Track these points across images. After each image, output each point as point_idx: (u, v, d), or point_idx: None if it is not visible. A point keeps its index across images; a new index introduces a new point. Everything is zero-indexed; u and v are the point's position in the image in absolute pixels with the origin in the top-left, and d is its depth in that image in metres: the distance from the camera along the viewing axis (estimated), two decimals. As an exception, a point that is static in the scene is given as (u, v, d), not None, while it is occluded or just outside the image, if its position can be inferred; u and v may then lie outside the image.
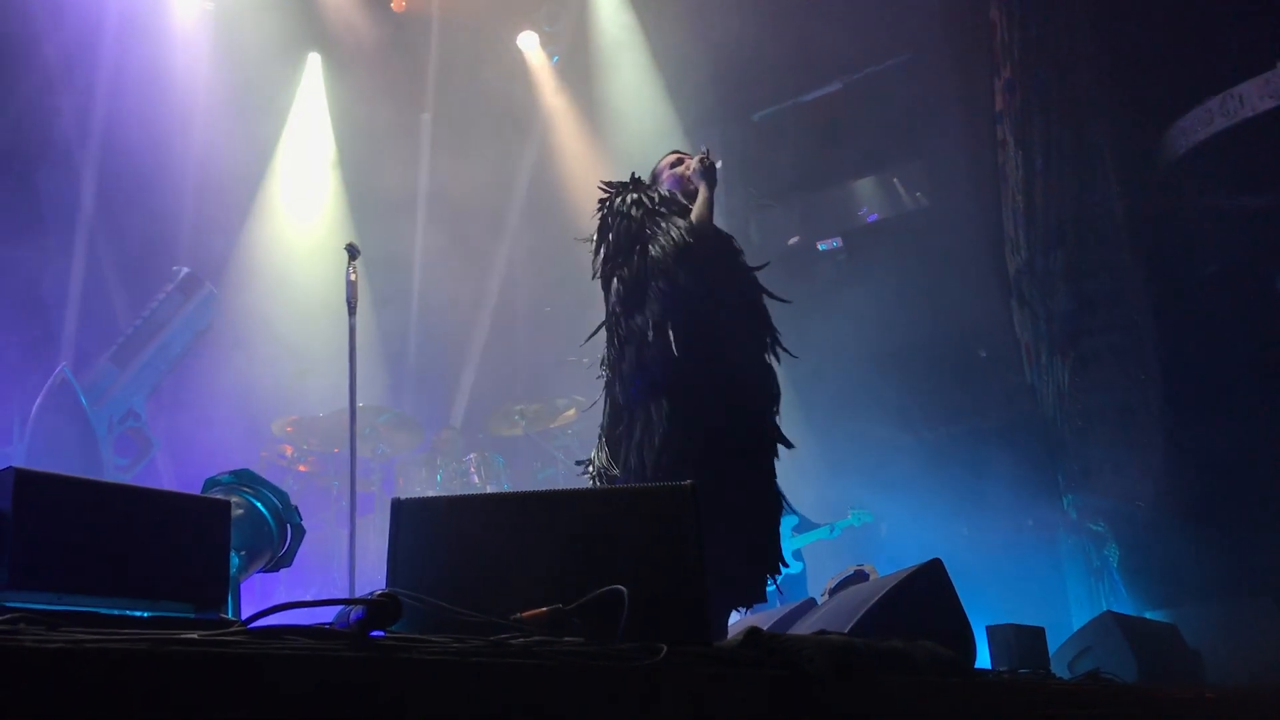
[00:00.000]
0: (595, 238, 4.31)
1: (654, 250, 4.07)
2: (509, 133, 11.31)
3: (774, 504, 4.14)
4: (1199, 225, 7.28)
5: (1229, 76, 7.06)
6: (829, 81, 10.30)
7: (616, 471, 4.00)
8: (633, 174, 4.48)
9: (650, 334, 3.97)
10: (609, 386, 4.20)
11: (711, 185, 4.28)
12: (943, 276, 8.75)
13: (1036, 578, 7.81)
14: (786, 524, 7.41)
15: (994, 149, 8.48)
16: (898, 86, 9.71)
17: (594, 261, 4.30)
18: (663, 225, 4.12)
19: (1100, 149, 7.71)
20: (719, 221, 4.44)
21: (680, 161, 4.55)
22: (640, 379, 4.00)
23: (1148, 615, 6.51)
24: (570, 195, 10.48)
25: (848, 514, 7.63)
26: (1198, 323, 7.17)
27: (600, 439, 4.21)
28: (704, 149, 4.41)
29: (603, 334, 4.28)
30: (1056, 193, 7.78)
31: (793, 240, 10.41)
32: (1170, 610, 6.56)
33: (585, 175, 10.42)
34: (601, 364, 4.27)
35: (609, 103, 10.87)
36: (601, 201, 4.37)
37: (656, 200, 4.25)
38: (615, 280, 4.17)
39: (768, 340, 4.26)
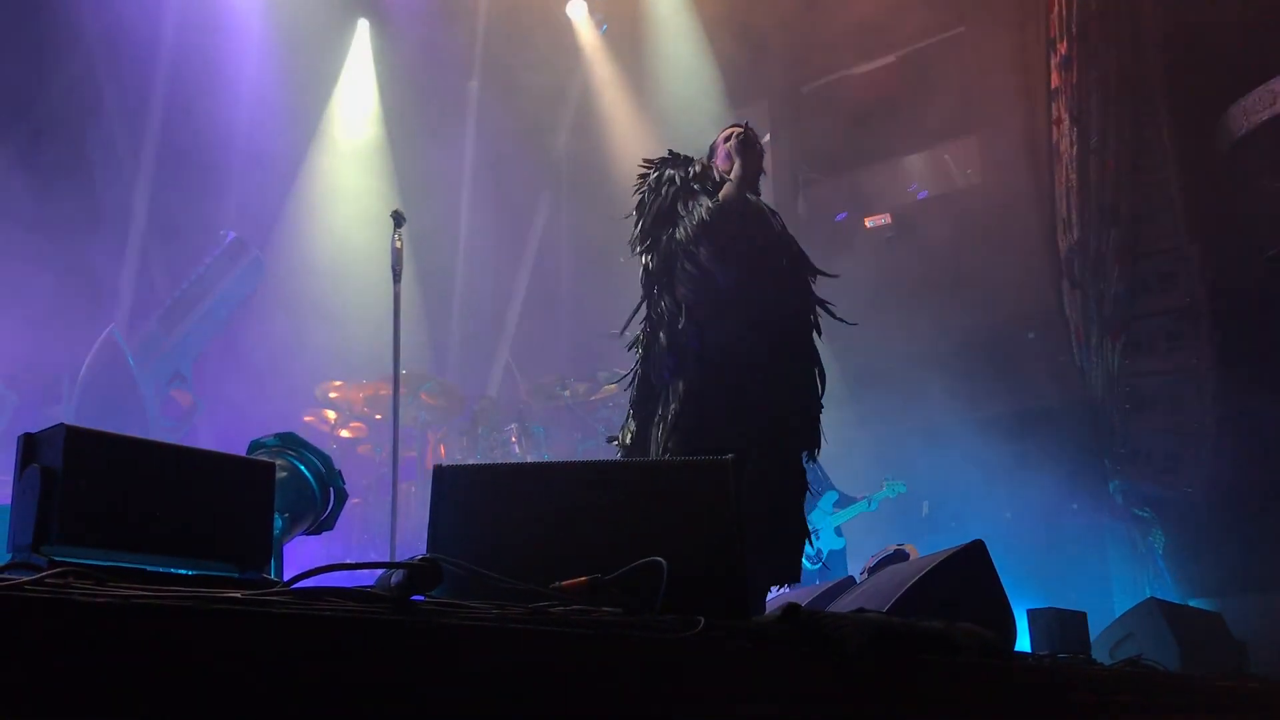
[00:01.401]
0: (634, 214, 4.28)
1: (678, 231, 4.03)
2: (556, 102, 11.28)
3: (799, 485, 4.07)
4: (1258, 208, 7.13)
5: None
6: (881, 54, 10.16)
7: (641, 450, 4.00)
8: (669, 150, 4.41)
9: (680, 318, 3.94)
10: (642, 365, 4.17)
11: (748, 162, 4.18)
12: (992, 256, 8.63)
13: (1080, 562, 7.73)
14: (826, 500, 7.39)
15: (1048, 126, 8.34)
16: (951, 61, 9.57)
17: (631, 240, 4.26)
18: (689, 204, 4.08)
19: (1158, 127, 7.56)
20: (764, 195, 4.38)
21: (731, 136, 4.49)
22: (671, 360, 3.97)
23: (1192, 603, 6.43)
24: (615, 166, 10.43)
25: (881, 485, 7.60)
26: (1254, 308, 7.03)
27: (629, 416, 4.19)
28: (744, 122, 4.34)
29: (642, 312, 4.26)
30: (1112, 171, 7.64)
31: (841, 216, 10.31)
32: (1216, 599, 6.47)
33: (631, 146, 10.37)
34: (635, 345, 4.24)
35: (657, 73, 10.80)
36: (640, 178, 4.33)
37: (691, 176, 4.19)
38: (645, 260, 4.14)
39: (811, 317, 4.19)
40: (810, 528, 4.10)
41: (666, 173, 4.22)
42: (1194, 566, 7.16)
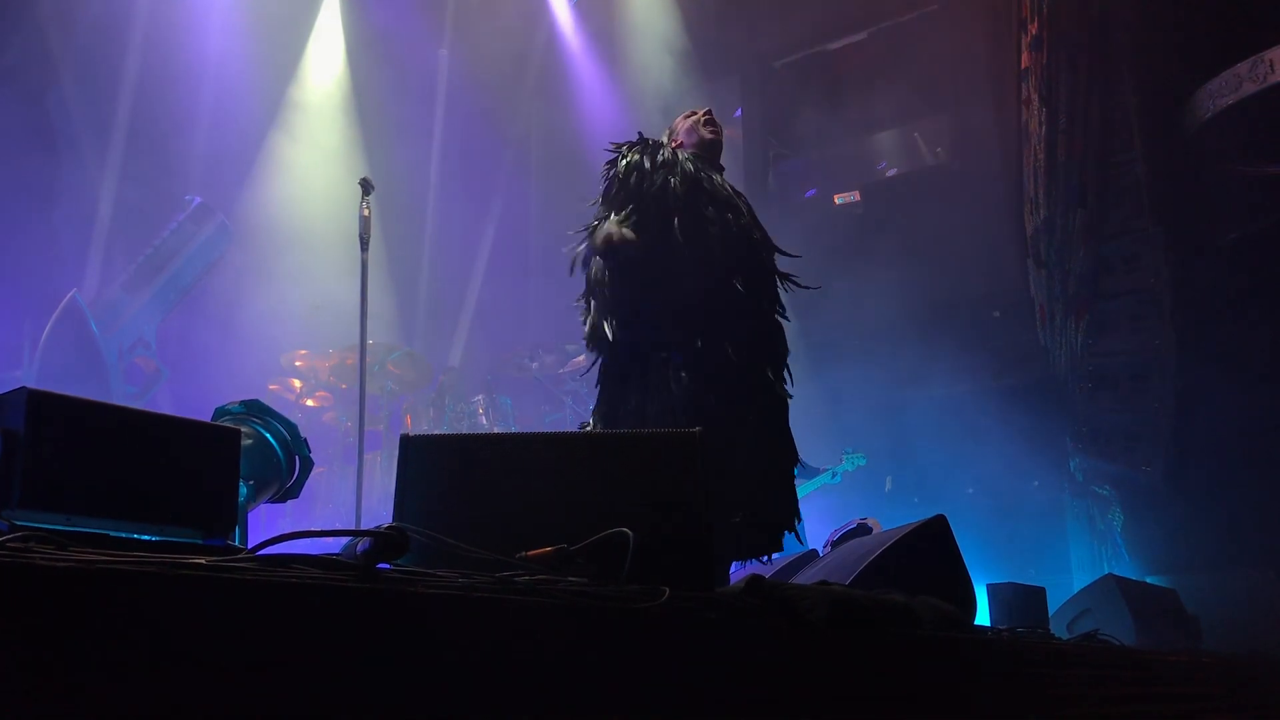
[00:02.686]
0: (599, 201, 4.18)
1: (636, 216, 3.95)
2: (526, 72, 11.20)
3: (782, 458, 4.06)
4: (1222, 192, 7.21)
5: (1259, 41, 6.95)
6: (854, 31, 10.16)
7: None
8: (639, 133, 4.32)
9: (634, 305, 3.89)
10: (602, 355, 4.08)
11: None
12: (960, 234, 8.69)
13: (1040, 538, 7.84)
14: None
15: (1017, 106, 8.38)
16: (923, 39, 9.58)
17: (590, 226, 4.16)
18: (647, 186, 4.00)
19: (1126, 109, 7.61)
20: (734, 171, 4.34)
21: (692, 113, 4.41)
22: (629, 345, 3.92)
23: (1149, 580, 6.54)
24: (586, 137, 10.39)
25: (840, 459, 7.64)
26: (1216, 291, 7.12)
27: (596, 410, 4.12)
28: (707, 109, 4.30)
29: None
30: (1079, 153, 7.69)
31: (810, 193, 10.33)
32: (1172, 576, 6.59)
33: (602, 117, 10.33)
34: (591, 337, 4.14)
35: (628, 44, 10.74)
36: (608, 164, 4.21)
37: (659, 164, 4.09)
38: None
39: (773, 295, 4.15)
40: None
41: (633, 159, 4.14)
42: (1151, 544, 7.28)
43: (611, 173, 4.14)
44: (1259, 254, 6.93)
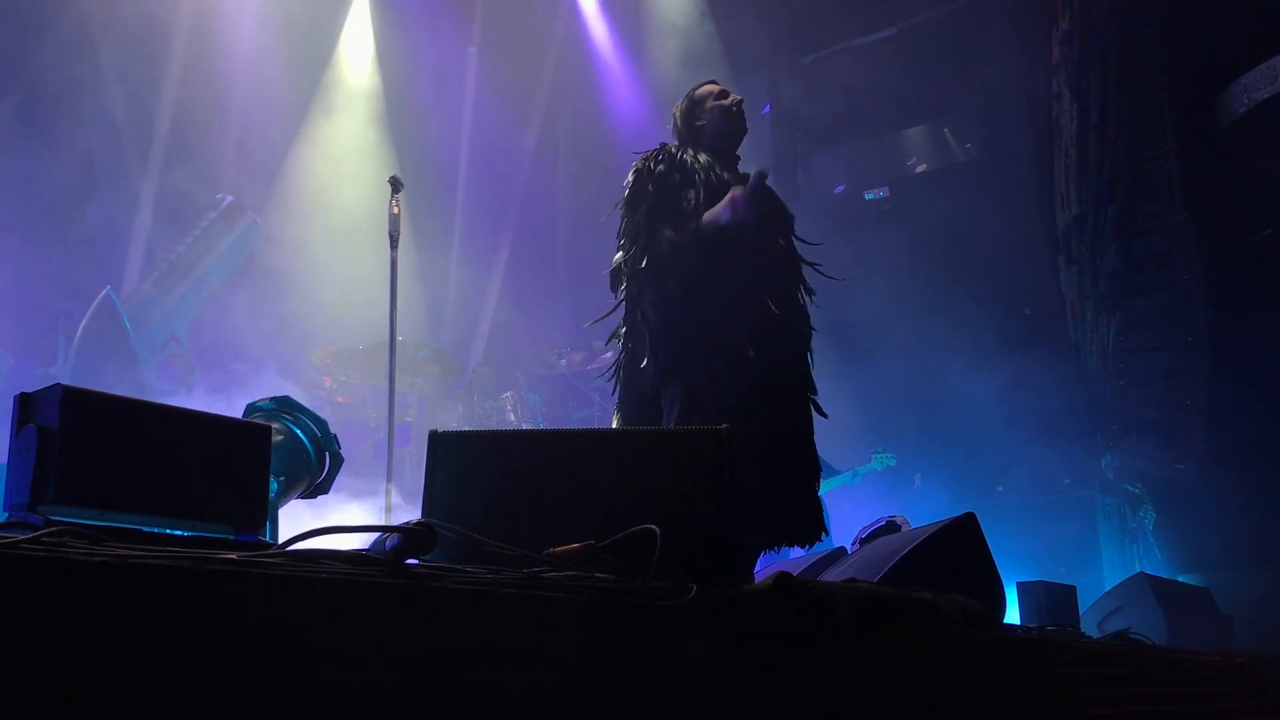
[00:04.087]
0: (623, 207, 4.12)
1: (668, 232, 3.90)
2: (555, 69, 11.22)
3: (806, 459, 4.01)
4: (1255, 187, 7.13)
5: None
6: (883, 26, 10.10)
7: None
8: (662, 144, 4.24)
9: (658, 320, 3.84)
10: (624, 356, 4.05)
11: (739, 213, 3.79)
12: (990, 230, 8.63)
13: (1070, 536, 7.78)
14: None
15: (1048, 101, 8.31)
16: (952, 34, 9.52)
17: (620, 231, 4.11)
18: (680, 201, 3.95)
19: (1158, 104, 7.54)
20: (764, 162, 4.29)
21: (725, 95, 4.32)
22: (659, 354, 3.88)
23: (1181, 578, 6.48)
24: (614, 135, 10.39)
25: (870, 459, 7.60)
26: (1249, 287, 7.04)
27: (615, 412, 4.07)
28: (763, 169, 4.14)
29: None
30: (1111, 147, 7.63)
31: (839, 188, 10.29)
32: (1204, 575, 6.52)
33: (629, 116, 10.33)
34: (614, 337, 4.10)
35: (655, 42, 10.72)
36: (637, 171, 4.05)
37: (684, 174, 4.03)
38: (627, 255, 4.00)
39: (800, 289, 4.11)
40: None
41: (660, 168, 3.97)
42: (1183, 542, 7.21)
43: (635, 182, 4.06)
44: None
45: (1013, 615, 4.43)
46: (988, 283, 8.66)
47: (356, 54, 10.66)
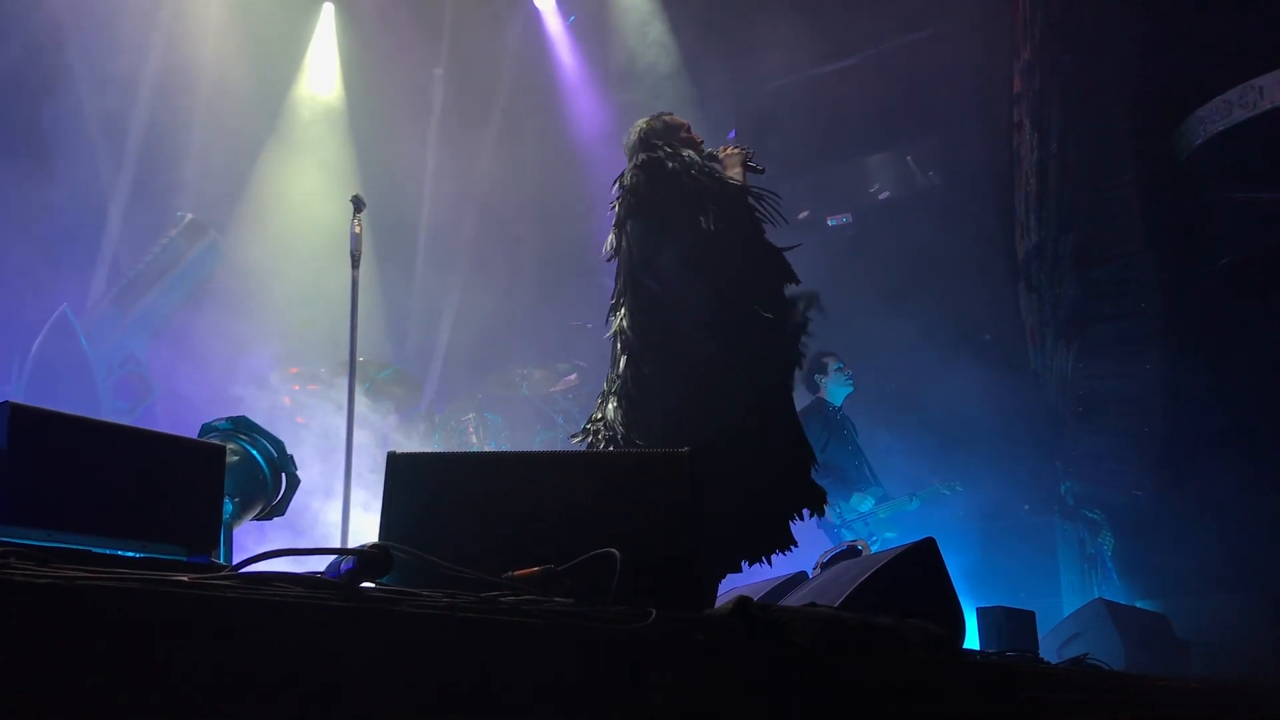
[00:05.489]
0: (626, 192, 4.17)
1: (703, 222, 4.02)
2: (522, 92, 11.23)
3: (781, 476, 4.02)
4: (1213, 217, 7.24)
5: (1250, 68, 6.99)
6: (847, 55, 10.21)
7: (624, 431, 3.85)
8: (661, 145, 4.33)
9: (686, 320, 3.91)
10: (620, 343, 4.06)
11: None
12: (951, 257, 8.71)
13: (1030, 562, 7.81)
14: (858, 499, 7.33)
15: (1009, 131, 8.42)
16: (916, 63, 9.63)
17: (621, 207, 4.17)
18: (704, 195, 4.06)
19: (1117, 135, 7.65)
20: None
21: (691, 132, 4.47)
22: (661, 347, 3.91)
23: (1139, 604, 6.53)
24: (581, 160, 10.41)
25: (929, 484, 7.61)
26: (1207, 316, 7.14)
27: (610, 398, 4.05)
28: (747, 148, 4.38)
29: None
30: (1071, 177, 7.73)
31: (803, 214, 10.36)
32: (1161, 600, 6.58)
33: (596, 139, 10.34)
34: (612, 325, 4.12)
35: (623, 67, 10.78)
36: (650, 158, 4.18)
37: (696, 167, 4.17)
38: (627, 240, 4.06)
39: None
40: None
41: (685, 151, 4.17)
42: (1141, 568, 7.27)
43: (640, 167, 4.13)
44: (1250, 279, 6.96)
45: (972, 640, 4.44)
46: (948, 308, 8.73)
47: (321, 73, 10.63)
